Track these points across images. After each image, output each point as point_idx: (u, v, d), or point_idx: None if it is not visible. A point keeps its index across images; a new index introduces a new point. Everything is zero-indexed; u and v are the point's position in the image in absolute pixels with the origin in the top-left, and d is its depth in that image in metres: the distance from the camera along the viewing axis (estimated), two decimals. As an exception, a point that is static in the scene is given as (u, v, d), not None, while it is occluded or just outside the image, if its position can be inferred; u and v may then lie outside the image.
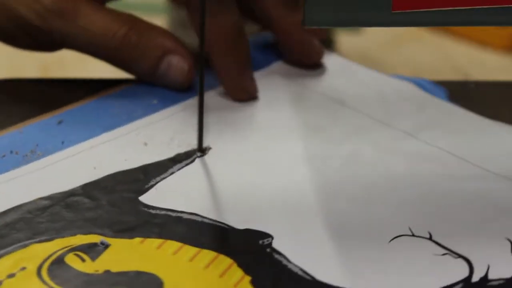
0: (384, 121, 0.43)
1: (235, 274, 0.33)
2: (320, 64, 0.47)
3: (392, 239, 0.35)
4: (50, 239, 0.34)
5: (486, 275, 0.33)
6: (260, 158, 0.40)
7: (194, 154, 0.40)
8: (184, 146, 0.40)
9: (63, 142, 0.40)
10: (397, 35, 1.62)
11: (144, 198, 0.37)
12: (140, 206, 0.37)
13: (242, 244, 0.35)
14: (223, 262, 0.33)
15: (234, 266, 0.33)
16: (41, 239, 0.34)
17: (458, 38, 1.62)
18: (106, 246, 0.34)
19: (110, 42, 0.44)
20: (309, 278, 0.33)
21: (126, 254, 0.34)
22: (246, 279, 0.33)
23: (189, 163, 0.39)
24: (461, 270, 0.34)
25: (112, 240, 0.34)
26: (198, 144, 0.40)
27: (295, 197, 0.37)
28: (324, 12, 0.33)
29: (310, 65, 0.47)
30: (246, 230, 0.35)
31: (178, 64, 0.44)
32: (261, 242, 0.35)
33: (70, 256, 0.33)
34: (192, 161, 0.40)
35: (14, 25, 0.45)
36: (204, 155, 0.40)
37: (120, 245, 0.34)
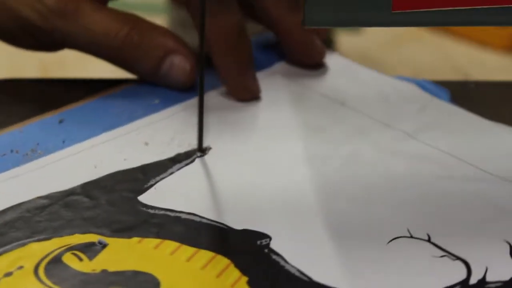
0: (385, 122, 0.43)
1: (232, 275, 0.33)
2: (322, 64, 0.47)
3: (390, 241, 0.35)
4: (48, 238, 0.34)
5: (484, 278, 0.33)
6: (260, 158, 0.40)
7: (194, 154, 0.40)
8: (185, 146, 0.40)
9: (64, 141, 0.40)
10: (397, 35, 1.61)
11: (143, 198, 0.37)
12: (139, 206, 0.36)
13: (240, 245, 0.35)
14: (220, 263, 0.33)
15: (231, 267, 0.33)
16: (39, 238, 0.34)
17: (458, 38, 1.61)
18: (104, 246, 0.34)
19: (112, 42, 0.44)
20: (306, 279, 0.33)
21: (124, 254, 0.34)
22: (243, 280, 0.33)
23: (189, 163, 0.39)
24: (459, 272, 0.34)
25: (110, 240, 0.34)
26: (198, 144, 0.40)
27: (295, 197, 0.37)
28: (324, 12, 0.33)
29: (312, 65, 0.47)
30: (244, 231, 0.35)
31: (180, 64, 0.44)
32: (259, 243, 0.35)
33: (68, 255, 0.33)
34: (192, 161, 0.40)
35: (17, 26, 0.45)
36: (204, 155, 0.40)
37: (118, 245, 0.34)
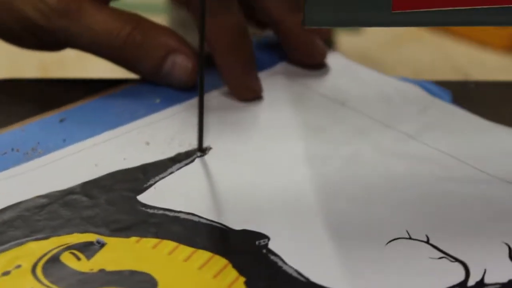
0: (385, 122, 0.43)
1: (230, 275, 0.33)
2: (324, 64, 0.47)
3: (389, 242, 0.35)
4: (47, 237, 0.34)
5: (483, 280, 0.33)
6: (260, 158, 0.40)
7: (194, 154, 0.40)
8: (185, 146, 0.40)
9: (65, 140, 0.40)
10: (397, 35, 1.61)
11: (143, 198, 0.37)
12: (138, 206, 0.36)
13: (238, 245, 0.35)
14: (218, 263, 0.33)
15: (229, 267, 0.33)
16: (38, 237, 0.34)
17: (458, 38, 1.61)
18: (102, 245, 0.34)
19: (114, 42, 0.44)
20: (304, 280, 0.33)
21: (122, 253, 0.34)
22: (241, 280, 0.33)
23: (189, 163, 0.39)
24: (457, 274, 0.33)
25: (108, 239, 0.34)
26: (198, 144, 0.40)
27: (295, 197, 0.37)
28: (324, 12, 0.33)
29: (314, 65, 0.47)
30: (243, 231, 0.35)
31: (182, 63, 0.44)
32: (258, 243, 0.35)
33: (66, 255, 0.33)
34: (192, 161, 0.40)
35: (19, 25, 0.45)
36: (204, 155, 0.40)
37: (116, 244, 0.34)
